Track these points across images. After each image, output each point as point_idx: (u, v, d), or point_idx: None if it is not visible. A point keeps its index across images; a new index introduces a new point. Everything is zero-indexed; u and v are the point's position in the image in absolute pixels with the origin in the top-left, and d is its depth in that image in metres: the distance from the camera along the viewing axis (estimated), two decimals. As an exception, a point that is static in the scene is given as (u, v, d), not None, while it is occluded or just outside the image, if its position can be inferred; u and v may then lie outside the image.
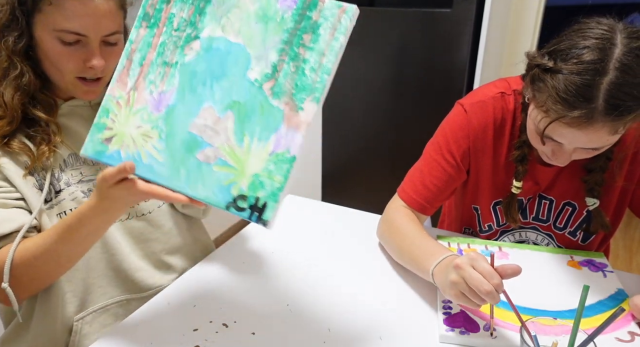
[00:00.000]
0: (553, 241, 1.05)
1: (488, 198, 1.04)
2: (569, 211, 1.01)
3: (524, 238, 1.07)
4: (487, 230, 1.08)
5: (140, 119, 0.71)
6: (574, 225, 1.02)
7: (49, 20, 0.80)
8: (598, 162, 0.92)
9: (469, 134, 0.97)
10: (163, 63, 0.71)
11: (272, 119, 0.64)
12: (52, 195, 0.88)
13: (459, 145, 0.98)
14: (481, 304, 0.72)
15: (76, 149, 0.92)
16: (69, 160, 0.91)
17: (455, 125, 0.99)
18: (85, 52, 0.83)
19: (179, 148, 0.68)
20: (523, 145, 0.94)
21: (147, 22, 0.73)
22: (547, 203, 1.02)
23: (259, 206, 0.64)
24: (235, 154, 0.66)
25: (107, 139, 0.73)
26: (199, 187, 0.67)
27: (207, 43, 0.68)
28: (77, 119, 0.93)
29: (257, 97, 0.65)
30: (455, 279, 0.73)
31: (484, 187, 1.03)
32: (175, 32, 0.71)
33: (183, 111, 0.69)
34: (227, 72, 0.67)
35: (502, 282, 0.71)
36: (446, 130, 1.00)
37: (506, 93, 0.96)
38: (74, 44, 0.81)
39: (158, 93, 0.71)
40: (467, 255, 0.75)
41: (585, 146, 0.79)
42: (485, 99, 0.97)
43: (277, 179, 0.63)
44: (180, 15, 0.70)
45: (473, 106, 0.97)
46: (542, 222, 1.04)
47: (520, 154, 0.95)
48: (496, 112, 0.96)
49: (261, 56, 0.66)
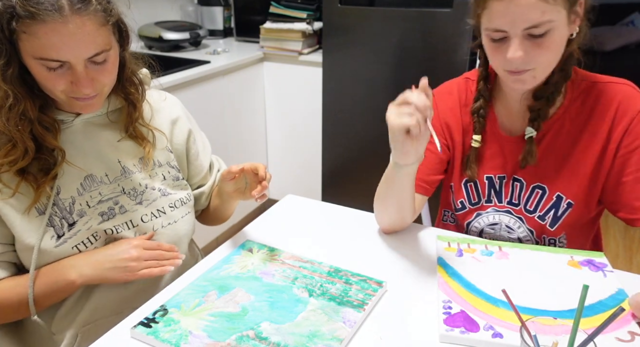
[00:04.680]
0: (523, 224, 1.08)
1: (459, 175, 1.12)
2: (538, 194, 1.04)
3: (497, 221, 1.10)
4: (460, 207, 1.13)
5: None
6: (544, 209, 1.05)
7: (27, 49, 0.76)
8: (547, 90, 0.97)
9: (438, 114, 1.10)
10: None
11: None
12: (65, 229, 0.87)
13: (432, 124, 1.04)
14: (412, 111, 0.84)
15: (93, 169, 0.91)
16: (85, 184, 0.90)
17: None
18: (71, 74, 0.79)
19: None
20: (480, 98, 1.04)
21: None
22: (518, 185, 1.06)
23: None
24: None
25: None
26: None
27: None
28: (94, 132, 0.92)
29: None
30: (389, 111, 0.89)
31: (457, 164, 1.12)
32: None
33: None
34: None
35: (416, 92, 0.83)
36: None
37: (470, 78, 1.09)
38: (59, 69, 0.78)
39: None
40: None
41: (527, 22, 0.84)
42: (451, 84, 1.12)
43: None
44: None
45: (439, 92, 1.11)
46: (514, 206, 1.08)
47: (477, 106, 1.04)
48: (460, 94, 1.09)
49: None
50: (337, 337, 0.77)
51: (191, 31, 2.46)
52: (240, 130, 2.48)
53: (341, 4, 2.16)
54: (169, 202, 0.99)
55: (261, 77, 2.54)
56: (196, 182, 1.11)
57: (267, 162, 2.77)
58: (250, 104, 2.51)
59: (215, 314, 0.82)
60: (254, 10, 2.68)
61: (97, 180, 0.91)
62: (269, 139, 2.70)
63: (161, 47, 2.40)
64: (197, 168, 1.10)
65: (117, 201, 0.93)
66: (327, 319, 0.81)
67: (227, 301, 0.85)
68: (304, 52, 2.41)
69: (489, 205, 1.10)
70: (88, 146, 0.91)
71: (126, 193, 0.94)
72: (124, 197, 0.94)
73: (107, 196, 0.92)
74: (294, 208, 1.20)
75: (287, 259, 0.97)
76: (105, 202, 0.91)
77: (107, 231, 0.91)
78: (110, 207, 0.92)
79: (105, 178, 0.92)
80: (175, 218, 1.00)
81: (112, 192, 0.92)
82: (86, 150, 0.91)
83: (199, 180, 1.11)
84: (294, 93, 2.51)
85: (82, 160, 0.90)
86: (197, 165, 1.09)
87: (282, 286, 0.89)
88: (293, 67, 2.46)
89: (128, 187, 0.94)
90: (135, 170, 0.96)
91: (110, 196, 0.92)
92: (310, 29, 2.41)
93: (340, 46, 2.22)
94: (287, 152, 2.68)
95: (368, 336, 0.80)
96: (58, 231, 0.87)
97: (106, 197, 0.92)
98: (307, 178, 2.66)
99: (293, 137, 2.62)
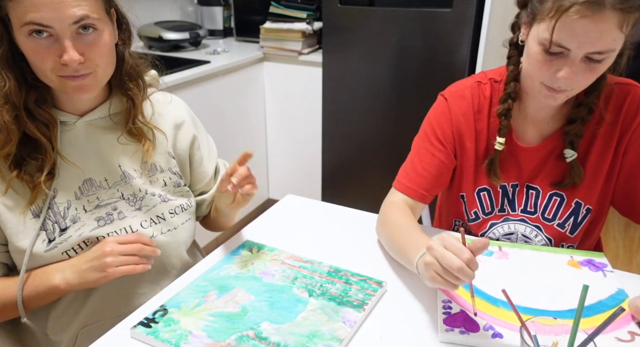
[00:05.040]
0: (541, 233, 1.06)
1: (472, 184, 1.07)
2: (556, 202, 1.03)
3: (513, 230, 1.08)
4: (474, 218, 1.09)
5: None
6: (563, 216, 1.03)
7: (14, 19, 0.75)
8: (581, 112, 0.95)
9: (451, 119, 1.04)
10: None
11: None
12: (57, 234, 0.86)
13: (443, 130, 1.04)
14: (457, 283, 0.73)
15: (93, 173, 0.90)
16: (84, 188, 0.89)
17: (438, 113, 1.06)
18: (58, 47, 0.76)
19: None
20: (507, 99, 0.98)
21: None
22: (534, 194, 1.04)
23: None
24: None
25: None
26: None
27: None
28: (96, 135, 0.90)
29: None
30: (429, 260, 0.74)
31: (468, 173, 1.06)
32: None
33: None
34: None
35: (474, 258, 0.71)
36: (431, 119, 1.07)
37: (482, 82, 1.04)
38: (46, 40, 0.76)
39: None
40: (438, 236, 0.76)
41: (595, 47, 0.80)
42: (463, 87, 1.05)
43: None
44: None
45: (452, 95, 1.05)
46: (530, 214, 1.06)
47: (505, 107, 0.98)
48: (474, 99, 1.03)
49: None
50: (337, 337, 0.77)
51: (191, 31, 2.46)
52: (240, 130, 2.48)
53: (341, 4, 2.16)
54: (169, 209, 0.98)
55: (261, 77, 2.54)
56: (199, 188, 1.09)
57: (267, 162, 2.77)
58: (250, 104, 2.51)
59: (215, 314, 0.82)
60: (254, 10, 2.68)
61: (96, 184, 0.90)
62: (269, 139, 2.70)
63: (161, 47, 2.40)
64: (201, 175, 1.08)
65: (115, 206, 0.91)
66: (327, 319, 0.81)
67: (227, 301, 0.85)
68: (304, 52, 2.41)
69: (502, 214, 1.07)
70: (89, 149, 0.90)
71: (125, 199, 0.92)
72: (122, 202, 0.92)
73: (106, 201, 0.91)
74: (294, 208, 1.20)
75: (287, 259, 0.97)
76: (103, 207, 0.90)
77: (99, 238, 0.89)
78: (108, 213, 0.90)
79: (105, 183, 0.91)
80: (175, 225, 0.98)
81: (111, 198, 0.91)
82: (87, 153, 0.89)
83: (202, 186, 1.09)
84: (294, 93, 2.51)
85: (82, 163, 0.89)
86: (200, 172, 1.07)
87: (282, 286, 0.89)
88: (293, 67, 2.46)
89: (127, 193, 0.93)
90: (136, 176, 0.94)
91: (108, 201, 0.91)
92: (310, 29, 2.41)
93: (340, 46, 2.22)
94: (287, 152, 2.68)
95: (368, 336, 0.80)
96: (49, 235, 0.85)
97: (104, 202, 0.90)
98: (307, 178, 2.66)
99: (293, 137, 2.62)
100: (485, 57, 2.01)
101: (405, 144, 1.15)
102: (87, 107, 0.89)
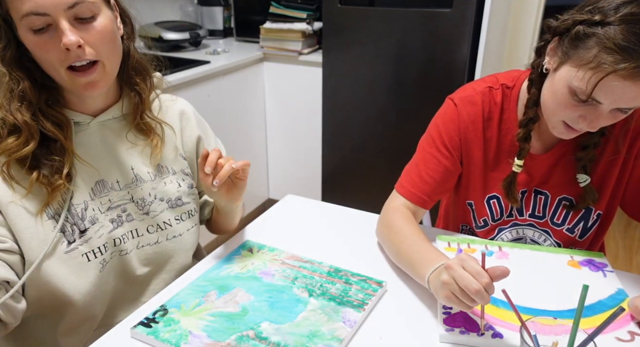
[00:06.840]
0: (550, 237, 1.06)
1: (481, 192, 1.05)
2: (566, 206, 1.02)
3: (522, 235, 1.07)
4: (482, 225, 1.08)
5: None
6: (572, 221, 1.03)
7: (15, 16, 0.75)
8: (593, 138, 0.94)
9: (459, 126, 1.01)
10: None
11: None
12: (76, 236, 0.85)
13: (450, 137, 1.01)
14: (471, 304, 0.73)
15: (105, 175, 0.89)
16: (96, 189, 0.88)
17: (447, 119, 1.02)
18: (58, 36, 0.75)
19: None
20: (528, 123, 0.94)
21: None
22: (542, 198, 1.03)
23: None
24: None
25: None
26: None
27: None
28: (110, 136, 0.90)
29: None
30: (446, 280, 0.74)
31: (476, 180, 1.04)
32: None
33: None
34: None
35: (492, 283, 0.71)
36: (438, 124, 1.03)
37: (494, 87, 1.00)
38: (45, 31, 0.75)
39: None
40: (457, 256, 0.75)
41: (628, 105, 0.78)
42: (474, 93, 1.01)
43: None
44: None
45: (462, 100, 1.01)
46: (538, 219, 1.05)
47: (525, 132, 0.95)
48: (484, 106, 1.00)
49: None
50: (337, 337, 0.77)
51: (191, 31, 2.46)
52: (240, 130, 2.48)
53: (341, 4, 2.16)
54: (175, 215, 0.97)
55: (261, 77, 2.54)
56: (204, 190, 1.08)
57: (267, 162, 2.77)
58: (250, 104, 2.51)
59: (215, 314, 0.82)
60: (254, 10, 2.68)
61: (108, 186, 0.90)
62: (269, 139, 2.70)
63: (161, 47, 2.40)
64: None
65: (125, 208, 0.91)
66: (327, 319, 0.81)
67: (227, 300, 0.85)
68: (304, 52, 2.41)
69: (510, 219, 1.07)
70: (102, 150, 0.89)
71: (134, 202, 0.92)
72: (131, 205, 0.92)
73: (116, 202, 0.90)
74: (294, 208, 1.20)
75: (287, 259, 0.97)
76: (114, 209, 0.90)
77: (115, 240, 0.90)
78: (118, 215, 0.90)
79: (116, 184, 0.91)
80: (181, 231, 0.98)
81: (121, 200, 0.91)
82: (100, 154, 0.89)
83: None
84: (294, 93, 2.51)
85: (95, 164, 0.88)
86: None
87: (282, 285, 0.89)
88: (293, 67, 2.46)
89: (137, 196, 0.93)
90: (148, 179, 0.94)
91: (118, 203, 0.91)
92: (310, 29, 2.41)
93: (340, 46, 2.22)
94: (287, 152, 2.68)
95: (368, 336, 0.80)
96: (68, 237, 0.84)
97: (115, 204, 0.90)
98: (307, 178, 2.66)
99: (293, 137, 2.62)
100: (485, 57, 2.01)
101: (405, 144, 1.15)
102: (99, 108, 0.89)
